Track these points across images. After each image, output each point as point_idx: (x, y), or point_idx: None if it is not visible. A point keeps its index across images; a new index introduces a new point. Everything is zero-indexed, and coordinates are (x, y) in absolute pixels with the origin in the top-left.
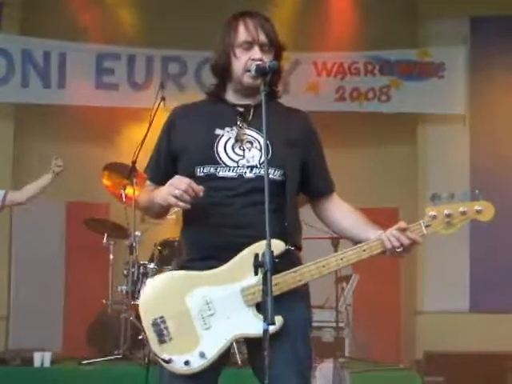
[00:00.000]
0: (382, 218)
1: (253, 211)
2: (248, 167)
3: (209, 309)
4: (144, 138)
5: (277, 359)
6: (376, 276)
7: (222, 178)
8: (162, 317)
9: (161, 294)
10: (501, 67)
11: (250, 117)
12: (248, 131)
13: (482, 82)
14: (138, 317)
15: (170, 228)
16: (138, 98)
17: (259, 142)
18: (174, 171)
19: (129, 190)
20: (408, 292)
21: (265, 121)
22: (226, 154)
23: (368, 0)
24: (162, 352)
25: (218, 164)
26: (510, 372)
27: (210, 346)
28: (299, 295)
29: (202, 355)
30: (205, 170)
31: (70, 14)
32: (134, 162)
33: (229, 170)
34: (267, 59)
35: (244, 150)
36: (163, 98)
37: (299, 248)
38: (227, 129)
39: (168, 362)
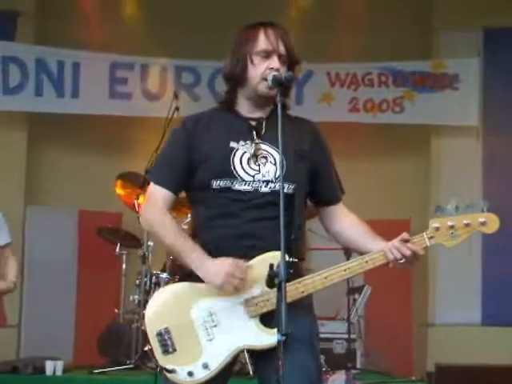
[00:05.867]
0: (393, 229)
1: (265, 224)
2: (264, 182)
3: (212, 320)
4: (158, 148)
5: (285, 372)
6: (388, 288)
7: (238, 191)
8: (166, 328)
9: (166, 305)
10: None
11: (263, 131)
12: (263, 146)
13: (497, 94)
14: None
15: None
16: (152, 108)
17: (273, 157)
18: (188, 181)
19: (142, 200)
20: (420, 304)
21: (280, 133)
22: (243, 168)
23: (381, 11)
24: (166, 362)
25: (235, 178)
26: None
27: (213, 357)
28: (304, 307)
29: (206, 366)
30: (221, 184)
31: (84, 24)
32: (147, 172)
33: (245, 184)
34: (283, 70)
35: (259, 164)
36: (177, 108)
37: (302, 259)
38: (241, 142)
39: (172, 372)
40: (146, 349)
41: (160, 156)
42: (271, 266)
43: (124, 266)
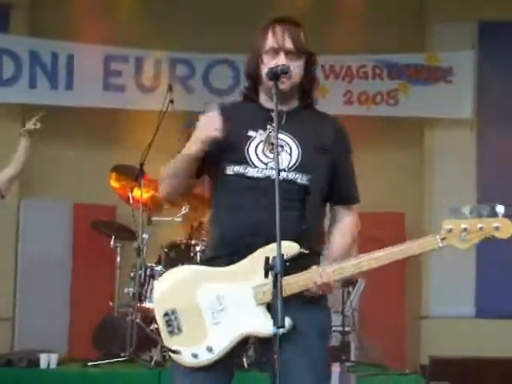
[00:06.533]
0: (387, 222)
1: (273, 212)
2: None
3: (219, 304)
4: (152, 141)
5: (289, 363)
6: (382, 281)
7: (251, 177)
8: (173, 309)
9: (174, 286)
10: (509, 72)
11: (283, 121)
12: (280, 135)
13: (491, 87)
14: (144, 319)
15: (177, 230)
16: (146, 100)
17: (290, 147)
18: (209, 167)
19: (136, 192)
20: (414, 297)
21: (276, 124)
22: (257, 156)
23: (376, 4)
24: (172, 343)
25: (248, 165)
26: None
27: (217, 341)
28: (315, 299)
29: (210, 349)
30: (234, 169)
31: (78, 16)
32: (141, 165)
33: (257, 172)
34: (294, 67)
35: (274, 153)
36: (171, 101)
37: (316, 253)
38: (260, 131)
39: (176, 352)
40: (152, 328)
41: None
42: (267, 259)
43: (118, 259)
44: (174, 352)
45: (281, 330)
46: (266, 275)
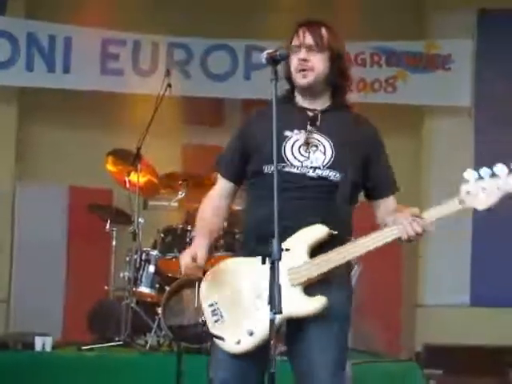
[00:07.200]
0: None
1: (304, 205)
2: (311, 168)
3: (257, 290)
4: (149, 125)
5: (313, 344)
6: (378, 268)
7: (288, 172)
8: (218, 299)
9: (217, 279)
10: (508, 60)
11: (319, 122)
12: (316, 135)
13: (489, 75)
14: (139, 303)
15: (173, 215)
16: (143, 84)
17: (324, 146)
18: (245, 168)
19: (133, 177)
20: (409, 284)
21: (275, 110)
22: (293, 154)
23: None
24: (217, 332)
25: (285, 163)
26: (509, 366)
27: (258, 325)
28: (335, 281)
29: (251, 334)
30: (272, 168)
31: None
32: (138, 149)
33: (294, 168)
34: (315, 60)
35: (309, 152)
36: (169, 85)
37: (344, 240)
38: (296, 131)
39: (221, 339)
40: (200, 320)
41: (226, 145)
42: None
43: (114, 243)
44: (218, 338)
45: (277, 317)
46: (263, 261)
